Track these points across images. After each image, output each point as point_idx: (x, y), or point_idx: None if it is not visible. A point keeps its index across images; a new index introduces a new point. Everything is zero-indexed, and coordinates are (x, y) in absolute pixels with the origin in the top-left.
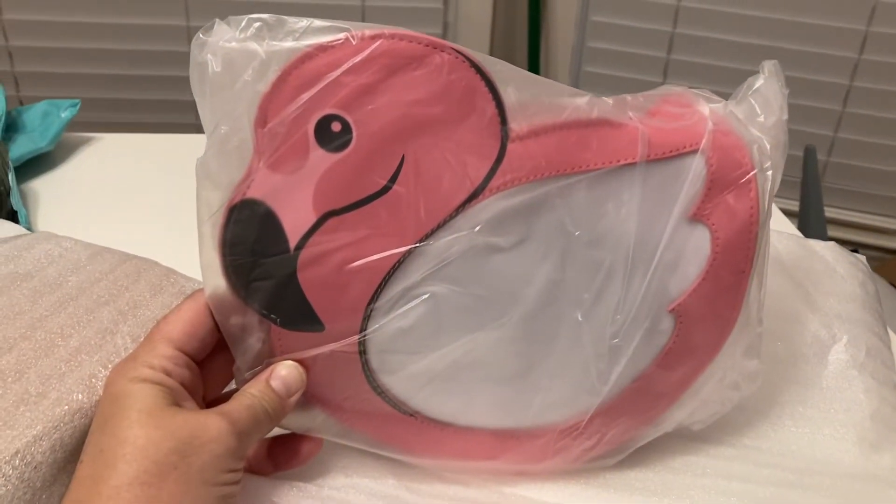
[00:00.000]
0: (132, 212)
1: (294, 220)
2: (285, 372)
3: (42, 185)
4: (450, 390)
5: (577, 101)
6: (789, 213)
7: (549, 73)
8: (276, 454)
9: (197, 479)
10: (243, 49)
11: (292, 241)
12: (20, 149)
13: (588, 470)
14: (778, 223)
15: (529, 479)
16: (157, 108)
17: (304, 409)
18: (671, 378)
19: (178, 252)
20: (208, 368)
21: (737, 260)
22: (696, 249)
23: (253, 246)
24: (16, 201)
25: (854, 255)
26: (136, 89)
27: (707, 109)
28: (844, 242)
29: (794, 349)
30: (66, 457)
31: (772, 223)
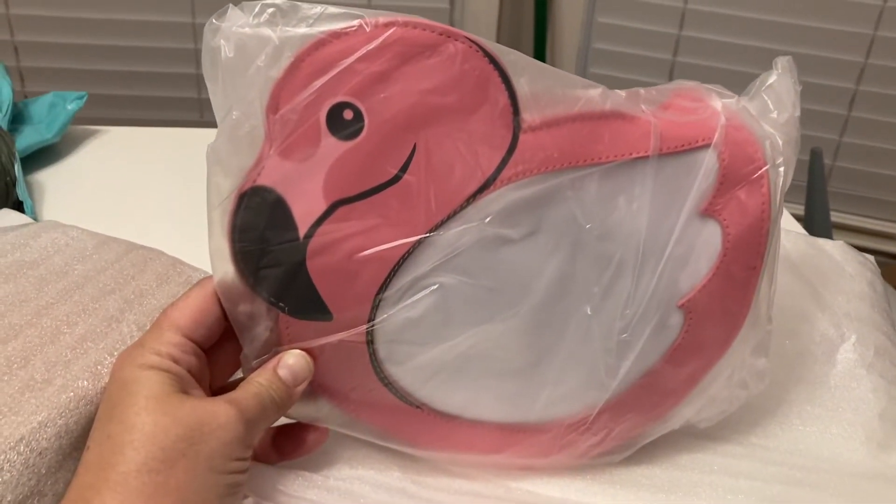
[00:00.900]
0: (137, 204)
1: (304, 207)
2: (293, 361)
3: (48, 177)
4: (457, 382)
5: (591, 93)
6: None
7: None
8: (281, 443)
9: (205, 466)
10: (256, 34)
11: (302, 229)
12: (26, 140)
13: (594, 466)
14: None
15: (535, 474)
16: (162, 105)
17: (311, 399)
18: (679, 375)
19: (183, 244)
20: (215, 356)
21: (747, 256)
22: (707, 245)
23: (262, 233)
24: (22, 192)
25: (863, 254)
26: (141, 86)
27: (720, 104)
28: None
29: (802, 347)
30: (72, 443)
31: (780, 222)
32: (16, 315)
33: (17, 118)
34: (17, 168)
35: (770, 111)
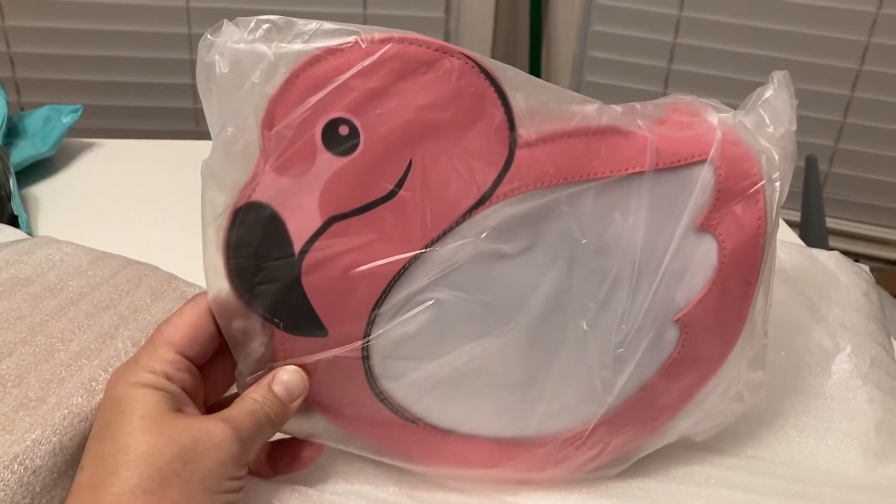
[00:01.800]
0: (133, 217)
1: (299, 223)
2: (287, 377)
3: (43, 190)
4: (453, 397)
5: (587, 109)
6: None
7: (550, 83)
8: (276, 458)
9: (200, 486)
10: (251, 50)
11: (297, 245)
12: (21, 154)
13: (590, 479)
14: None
15: (531, 488)
16: (158, 116)
17: (305, 415)
18: (675, 389)
19: (179, 258)
20: (209, 373)
21: (743, 271)
22: (703, 259)
23: (257, 249)
24: (17, 206)
25: (857, 264)
26: (137, 96)
27: (716, 119)
28: (845, 253)
29: (797, 359)
30: (67, 461)
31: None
32: (10, 333)
33: (12, 132)
34: (13, 182)
35: (766, 126)
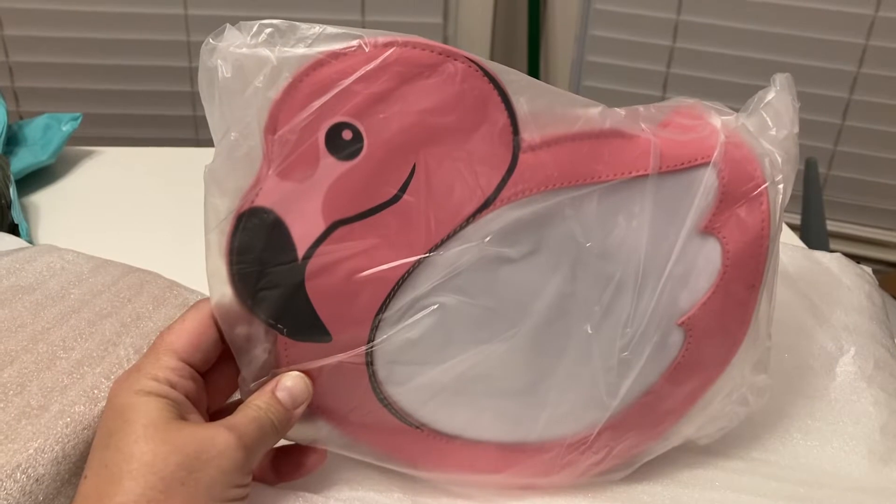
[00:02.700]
0: (133, 225)
1: (303, 228)
2: (291, 383)
3: (43, 199)
4: (457, 403)
5: (590, 112)
6: (791, 227)
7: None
8: (280, 465)
9: (204, 495)
10: (254, 55)
11: (300, 250)
12: (21, 162)
13: (595, 484)
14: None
15: (536, 493)
16: (157, 124)
17: (309, 421)
18: (679, 393)
19: (180, 265)
20: (212, 379)
21: (747, 274)
22: (707, 263)
23: (260, 254)
24: (17, 214)
25: (860, 266)
26: (136, 105)
27: (719, 122)
28: (846, 256)
29: (801, 361)
30: (70, 469)
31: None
32: (11, 341)
33: (12, 140)
34: (13, 190)
35: (769, 128)
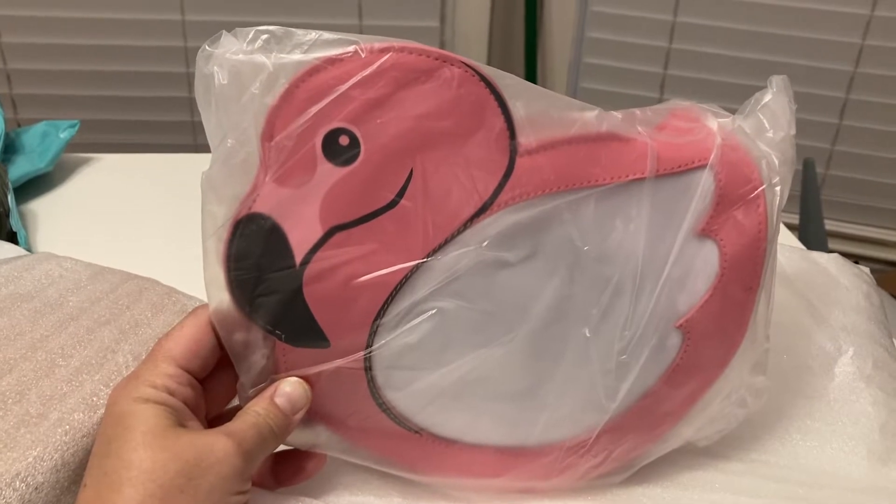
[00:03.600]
0: (132, 232)
1: (300, 234)
2: (290, 389)
3: (41, 206)
4: (456, 407)
5: (586, 116)
6: (789, 227)
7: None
8: (280, 470)
9: (204, 501)
10: (250, 61)
11: (298, 256)
12: (19, 170)
13: (594, 487)
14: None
15: (535, 497)
16: (155, 130)
17: (308, 426)
18: (678, 395)
19: (179, 271)
20: (211, 386)
21: (745, 276)
22: (705, 265)
23: (258, 261)
24: (15, 222)
25: (858, 266)
26: (134, 111)
27: (715, 124)
28: (844, 255)
29: (799, 362)
30: (69, 476)
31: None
32: (10, 349)
33: (10, 148)
34: (11, 198)
35: (766, 130)
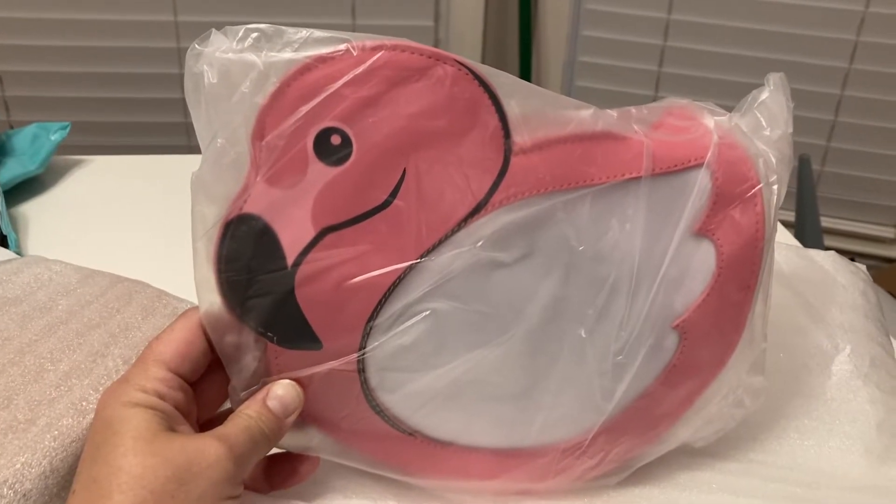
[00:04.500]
0: (123, 234)
1: (292, 235)
2: (282, 391)
3: (32, 209)
4: (450, 409)
5: (582, 114)
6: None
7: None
8: (273, 473)
9: None
10: (240, 60)
11: (290, 257)
12: (9, 172)
13: (591, 488)
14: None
15: (531, 499)
16: (149, 131)
17: (301, 429)
18: (675, 395)
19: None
20: (202, 389)
21: (742, 275)
22: (702, 265)
23: (249, 262)
24: (5, 225)
25: (854, 264)
26: (126, 112)
27: (712, 122)
28: (841, 252)
29: (796, 360)
30: (58, 483)
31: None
32: None
33: (0, 150)
34: (1, 201)
35: (763, 128)
